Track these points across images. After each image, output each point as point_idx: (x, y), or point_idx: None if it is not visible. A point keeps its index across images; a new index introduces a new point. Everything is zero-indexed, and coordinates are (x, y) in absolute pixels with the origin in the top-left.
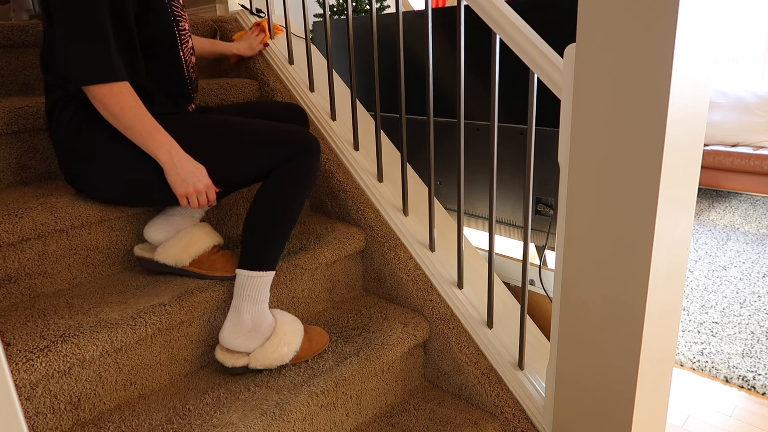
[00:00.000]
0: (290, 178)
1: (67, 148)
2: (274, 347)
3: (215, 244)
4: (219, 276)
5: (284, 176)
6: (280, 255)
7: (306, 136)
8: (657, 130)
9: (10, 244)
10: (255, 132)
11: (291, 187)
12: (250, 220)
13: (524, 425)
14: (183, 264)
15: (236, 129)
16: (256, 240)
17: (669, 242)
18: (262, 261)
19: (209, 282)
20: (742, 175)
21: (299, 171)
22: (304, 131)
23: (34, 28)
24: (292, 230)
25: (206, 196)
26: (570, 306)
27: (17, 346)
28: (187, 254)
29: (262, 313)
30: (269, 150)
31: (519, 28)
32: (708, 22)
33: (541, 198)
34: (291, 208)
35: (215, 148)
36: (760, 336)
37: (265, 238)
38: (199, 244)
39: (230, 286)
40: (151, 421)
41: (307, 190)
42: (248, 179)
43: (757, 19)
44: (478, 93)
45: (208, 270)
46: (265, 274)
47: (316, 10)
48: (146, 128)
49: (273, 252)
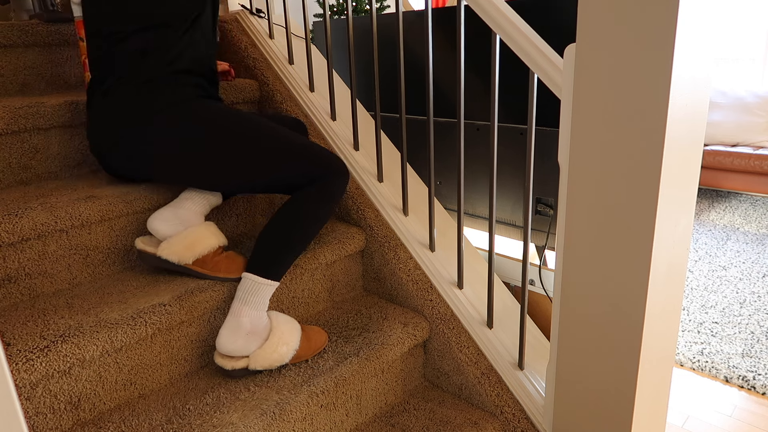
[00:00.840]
0: (320, 199)
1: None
2: (273, 347)
3: (220, 245)
4: (222, 277)
5: (315, 195)
6: (287, 269)
7: (341, 164)
8: (657, 130)
9: (10, 244)
10: (304, 146)
11: (318, 207)
12: (269, 229)
13: (524, 425)
14: (186, 262)
15: (283, 139)
16: (271, 250)
17: (669, 242)
18: (271, 270)
19: (209, 282)
20: (742, 175)
21: (329, 193)
22: (339, 159)
23: (34, 28)
24: (306, 247)
25: None
26: (570, 306)
27: (17, 346)
28: (192, 253)
29: (259, 317)
30: (310, 167)
31: (519, 28)
32: (708, 22)
33: (541, 198)
34: (312, 226)
35: (249, 147)
36: (760, 336)
37: (280, 249)
38: (204, 243)
39: (231, 286)
40: (151, 421)
41: (331, 213)
42: (277, 187)
43: (757, 19)
44: (478, 93)
45: (212, 270)
46: (271, 282)
47: (316, 10)
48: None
49: (283, 264)
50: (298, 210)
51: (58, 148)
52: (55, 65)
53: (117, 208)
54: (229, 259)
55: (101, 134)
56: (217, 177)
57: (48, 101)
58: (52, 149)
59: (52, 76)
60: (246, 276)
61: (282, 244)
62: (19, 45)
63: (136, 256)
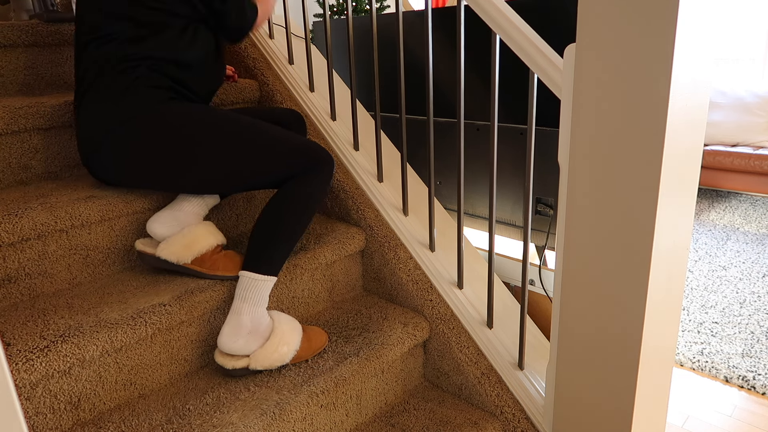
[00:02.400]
0: (305, 189)
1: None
2: (274, 347)
3: (218, 244)
4: (220, 275)
5: (299, 187)
6: (284, 263)
7: (322, 152)
8: (657, 131)
9: (10, 244)
10: (279, 140)
11: (304, 198)
12: (260, 224)
13: (524, 425)
14: (185, 261)
15: (262, 134)
16: (264, 244)
17: (669, 242)
18: (266, 265)
19: (209, 282)
20: (742, 175)
21: (313, 183)
22: (320, 147)
23: (34, 28)
24: (298, 239)
25: None
26: (570, 306)
27: (17, 346)
28: (190, 252)
29: (260, 315)
30: (289, 160)
31: (519, 28)
32: (708, 23)
33: (541, 198)
34: (301, 217)
35: (241, 148)
36: (760, 336)
37: (273, 243)
38: (202, 242)
39: (230, 286)
40: (151, 421)
41: (319, 203)
42: (261, 184)
43: (757, 19)
44: (478, 93)
45: (210, 269)
46: (268, 278)
47: (316, 10)
48: (267, 7)
49: (278, 257)
50: (287, 203)
51: (58, 148)
52: (55, 65)
53: (117, 208)
54: (228, 258)
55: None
56: (197, 181)
57: (48, 101)
58: (52, 149)
59: (52, 76)
60: (243, 274)
61: (274, 238)
62: (19, 45)
63: (136, 257)
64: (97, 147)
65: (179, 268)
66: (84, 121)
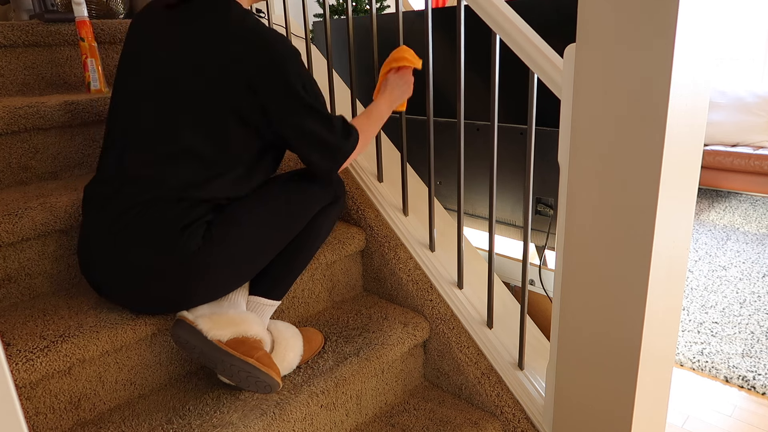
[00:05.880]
0: (324, 221)
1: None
2: (281, 356)
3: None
4: (253, 364)
5: (320, 218)
6: (289, 289)
7: (340, 186)
8: (657, 131)
9: (10, 244)
10: (308, 202)
11: (325, 229)
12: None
13: (524, 425)
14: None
15: (294, 215)
16: (274, 273)
17: (669, 242)
18: (277, 291)
19: None
20: (742, 175)
21: (332, 214)
22: (339, 181)
23: (34, 28)
24: (306, 267)
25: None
26: (570, 306)
27: (17, 346)
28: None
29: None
30: (314, 212)
31: (519, 28)
32: (708, 23)
33: (541, 198)
34: (317, 242)
35: (280, 236)
36: (760, 336)
37: (282, 272)
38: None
39: None
40: (151, 421)
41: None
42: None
43: (757, 19)
44: (478, 93)
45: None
46: (275, 303)
47: (316, 10)
48: (375, 123)
49: (290, 283)
50: (308, 237)
51: (58, 148)
52: (55, 65)
53: None
54: (268, 356)
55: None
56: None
57: (48, 101)
58: (52, 149)
59: (52, 76)
60: (251, 299)
61: (284, 267)
62: (19, 45)
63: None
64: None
65: (212, 346)
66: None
